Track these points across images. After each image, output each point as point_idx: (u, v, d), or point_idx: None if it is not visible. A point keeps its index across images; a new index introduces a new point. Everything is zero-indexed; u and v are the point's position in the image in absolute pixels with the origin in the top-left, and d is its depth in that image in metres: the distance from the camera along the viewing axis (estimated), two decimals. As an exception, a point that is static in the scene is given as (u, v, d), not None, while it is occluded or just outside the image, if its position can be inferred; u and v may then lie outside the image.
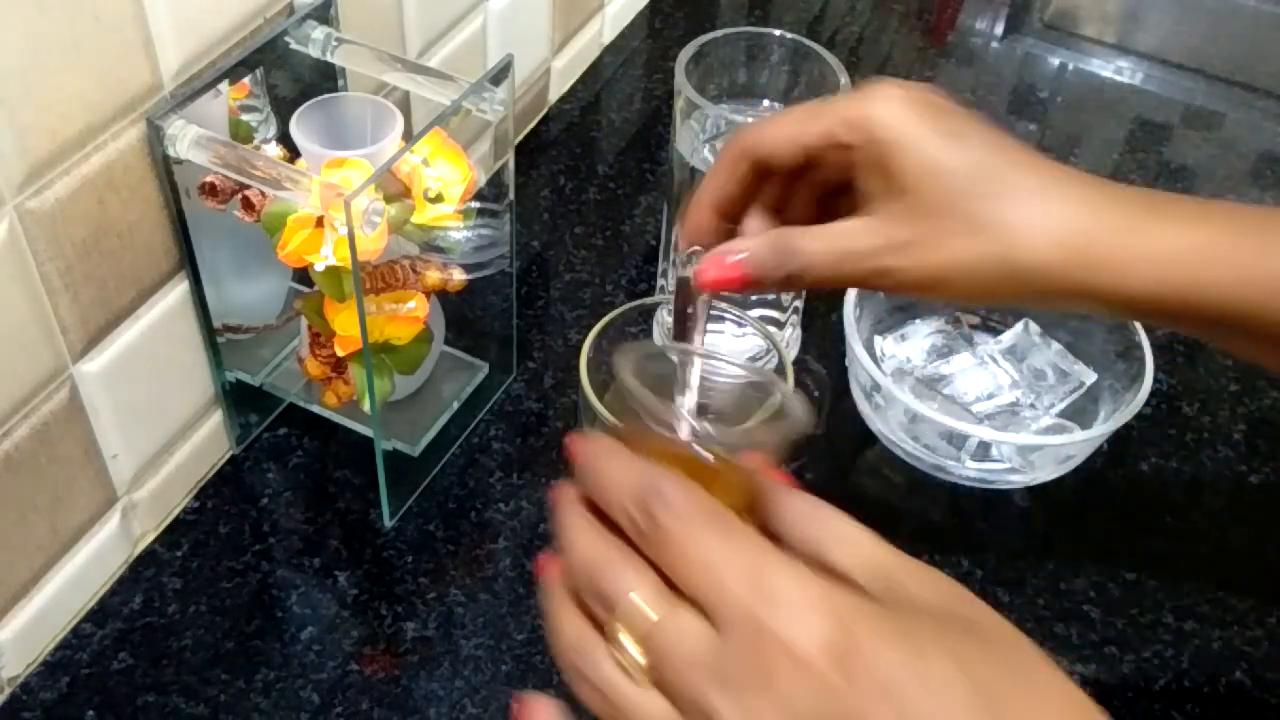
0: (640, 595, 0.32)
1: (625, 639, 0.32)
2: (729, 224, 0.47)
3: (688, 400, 0.42)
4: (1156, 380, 0.64)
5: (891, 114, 0.43)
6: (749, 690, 0.30)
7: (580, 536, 0.34)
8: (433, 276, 0.57)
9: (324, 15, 0.57)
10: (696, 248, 0.46)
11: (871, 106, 0.43)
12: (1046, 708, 0.30)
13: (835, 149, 0.44)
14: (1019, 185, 0.42)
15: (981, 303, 0.68)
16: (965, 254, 0.42)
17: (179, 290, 0.55)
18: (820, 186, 0.48)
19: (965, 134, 0.43)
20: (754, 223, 0.47)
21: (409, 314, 0.56)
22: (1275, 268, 0.42)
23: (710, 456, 0.35)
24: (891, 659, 0.29)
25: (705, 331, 0.48)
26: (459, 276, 0.58)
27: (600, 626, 0.33)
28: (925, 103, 0.43)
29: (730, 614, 0.30)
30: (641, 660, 0.31)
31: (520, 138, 0.85)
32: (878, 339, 0.70)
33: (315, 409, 0.63)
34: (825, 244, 0.44)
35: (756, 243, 0.45)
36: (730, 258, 0.44)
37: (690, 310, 0.47)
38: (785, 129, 0.45)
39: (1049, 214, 0.42)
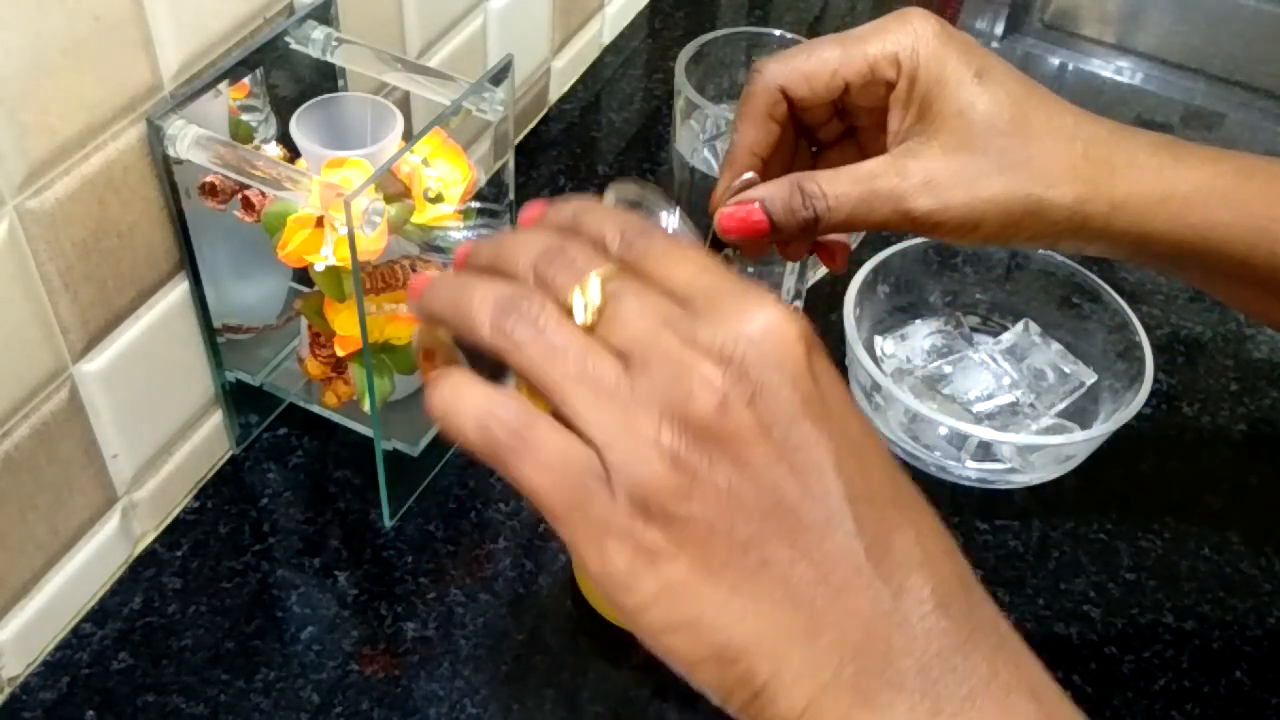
0: (605, 269, 0.31)
1: (593, 280, 0.31)
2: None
3: None
4: (1156, 380, 0.64)
5: (934, 51, 0.42)
6: (725, 323, 0.29)
7: (546, 226, 0.35)
8: (433, 276, 0.57)
9: (324, 15, 0.57)
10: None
11: (913, 41, 0.43)
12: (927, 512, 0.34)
13: (872, 86, 0.43)
14: (1049, 126, 0.43)
15: (1000, 244, 0.66)
16: (997, 193, 0.42)
17: (179, 290, 0.55)
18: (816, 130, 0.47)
19: (995, 73, 0.43)
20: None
21: (409, 314, 0.56)
22: (1269, 211, 0.43)
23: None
24: (841, 389, 0.32)
25: None
26: (459, 276, 0.58)
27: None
28: (958, 39, 0.43)
29: (713, 294, 0.30)
30: (599, 301, 0.31)
31: (520, 138, 0.85)
32: (878, 339, 0.70)
33: (315, 409, 0.63)
34: (849, 184, 0.43)
35: (775, 186, 0.44)
36: (749, 204, 0.43)
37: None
38: (824, 63, 0.44)
39: (1078, 154, 0.43)
